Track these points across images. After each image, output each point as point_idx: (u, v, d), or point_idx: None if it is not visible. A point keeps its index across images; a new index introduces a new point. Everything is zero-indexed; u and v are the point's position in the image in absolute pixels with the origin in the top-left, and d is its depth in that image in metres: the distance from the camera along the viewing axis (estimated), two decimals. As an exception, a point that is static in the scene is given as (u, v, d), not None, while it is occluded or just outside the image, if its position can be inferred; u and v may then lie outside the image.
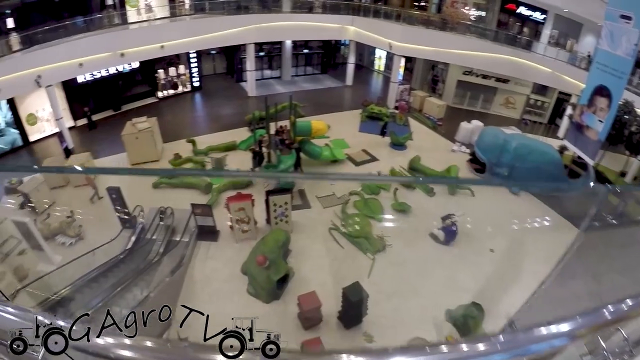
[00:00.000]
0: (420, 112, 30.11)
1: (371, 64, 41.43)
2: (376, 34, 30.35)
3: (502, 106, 31.79)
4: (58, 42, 22.23)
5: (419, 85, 34.89)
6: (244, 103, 29.88)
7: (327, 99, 31.44)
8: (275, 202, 15.78)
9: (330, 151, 21.32)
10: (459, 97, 32.35)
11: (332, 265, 15.15)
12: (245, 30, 28.17)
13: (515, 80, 30.24)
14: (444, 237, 16.25)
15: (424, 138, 25.70)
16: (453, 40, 28.63)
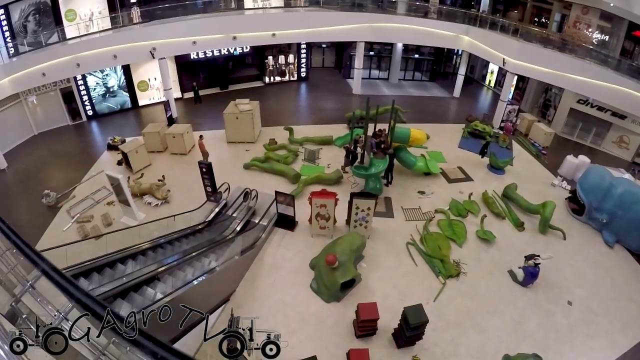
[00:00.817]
0: (526, 136, 28.64)
1: (482, 78, 39.79)
2: (491, 47, 29.07)
3: (614, 144, 29.41)
4: (175, 20, 23.81)
5: (529, 108, 33.05)
6: (347, 100, 30.08)
7: (431, 108, 30.86)
8: (358, 205, 15.85)
9: (425, 162, 21.01)
10: (569, 127, 30.28)
11: (401, 280, 15.11)
12: (358, 27, 28.25)
13: (633, 117, 27.86)
14: (523, 277, 15.54)
15: (524, 165, 24.48)
16: (571, 63, 26.44)
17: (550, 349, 13.28)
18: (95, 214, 17.53)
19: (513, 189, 20.40)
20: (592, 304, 15.44)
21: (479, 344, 13.15)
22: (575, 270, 17.00)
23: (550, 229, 18.69)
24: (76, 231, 16.36)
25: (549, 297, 15.42)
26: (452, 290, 14.96)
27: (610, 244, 18.75)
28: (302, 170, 20.74)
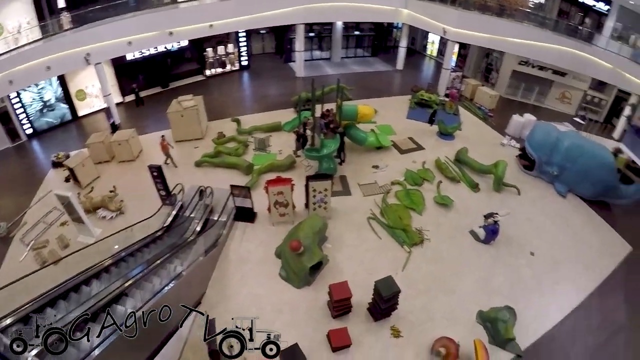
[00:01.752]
0: (471, 101, 29.48)
1: (423, 48, 40.50)
2: (430, 18, 29.54)
3: (557, 100, 30.61)
4: (108, 21, 22.86)
5: (472, 74, 33.95)
6: (292, 84, 29.95)
7: (376, 83, 31.10)
8: (315, 187, 15.84)
9: (375, 137, 21.20)
10: (513, 88, 31.27)
11: (367, 255, 15.22)
12: (295, 10, 28.02)
13: (573, 74, 29.01)
14: (485, 235, 16.03)
15: (473, 129, 25.16)
16: (510, 27, 27.50)
17: (520, 300, 13.78)
18: (50, 238, 16.59)
19: (464, 152, 20.96)
20: (553, 252, 16.18)
21: (452, 306, 13.46)
22: (533, 222, 17.74)
23: (504, 187, 19.40)
24: (33, 259, 15.59)
25: (512, 251, 16.02)
26: (418, 258, 15.19)
27: (563, 194, 19.75)
28: (255, 160, 20.56)
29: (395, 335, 12.42)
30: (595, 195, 19.47)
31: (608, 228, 18.09)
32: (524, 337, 12.58)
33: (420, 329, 12.61)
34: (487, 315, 12.89)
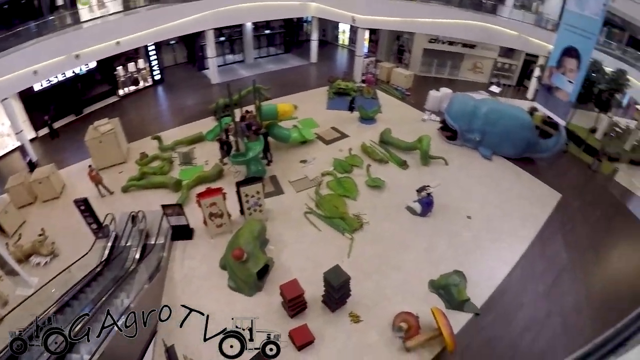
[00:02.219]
0: (387, 83, 30.23)
1: (335, 39, 41.18)
2: (338, 8, 30.15)
3: (470, 71, 32.05)
4: (8, 52, 21.44)
5: (385, 57, 34.87)
6: (208, 92, 29.48)
7: (293, 79, 31.25)
8: (246, 192, 15.65)
9: (299, 132, 21.27)
10: (426, 66, 32.52)
11: (310, 249, 15.23)
12: (204, 16, 27.56)
13: (482, 45, 30.49)
14: (421, 209, 16.56)
15: (393, 110, 25.89)
16: (417, 8, 28.66)
17: (465, 262, 14.43)
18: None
19: (388, 133, 21.54)
20: (488, 212, 17.15)
21: (403, 281, 13.79)
22: (465, 188, 18.66)
23: (431, 160, 20.18)
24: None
25: (449, 218, 16.71)
26: (361, 242, 15.41)
27: (488, 157, 21.02)
28: (182, 175, 20.03)
29: (355, 320, 12.53)
30: (519, 153, 20.87)
31: (536, 181, 19.61)
32: (477, 296, 13.21)
33: (377, 310, 12.80)
34: (438, 283, 13.37)
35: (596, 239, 16.23)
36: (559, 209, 17.87)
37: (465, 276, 13.46)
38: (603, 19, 18.89)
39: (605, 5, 18.34)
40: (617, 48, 28.02)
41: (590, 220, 17.41)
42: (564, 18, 21.26)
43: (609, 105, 22.67)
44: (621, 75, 21.66)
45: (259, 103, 19.15)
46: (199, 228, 16.34)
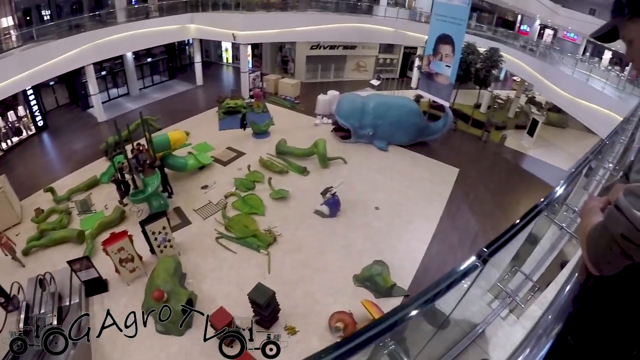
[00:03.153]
0: (276, 95, 30.59)
1: (219, 58, 40.99)
2: (218, 27, 30.02)
3: (354, 71, 33.34)
4: None
5: (270, 69, 35.33)
6: (96, 131, 28.12)
7: (181, 105, 30.61)
8: (152, 230, 15.07)
9: (195, 159, 20.86)
10: (312, 72, 33.41)
11: (230, 273, 14.96)
12: (82, 51, 26.25)
13: (362, 44, 31.82)
14: (329, 210, 16.91)
15: (285, 120, 26.18)
16: (295, 18, 29.46)
17: (384, 250, 15.02)
18: None
19: (283, 143, 21.77)
20: (394, 199, 17.99)
21: (328, 282, 13.97)
22: (368, 181, 19.42)
23: (330, 161, 20.70)
24: None
25: (359, 213, 17.26)
26: (278, 255, 15.38)
27: (384, 148, 22.14)
28: (83, 224, 18.92)
29: (292, 332, 12.50)
30: (412, 139, 22.27)
31: (433, 161, 21.18)
32: (403, 278, 13.81)
33: (312, 316, 12.85)
34: (362, 276, 13.76)
35: (499, 200, 17.84)
36: (459, 182, 19.36)
37: (386, 263, 13.97)
38: (470, 5, 20.40)
39: (471, -8, 19.89)
40: (488, 29, 30.45)
41: (489, 186, 19.02)
42: (434, 9, 22.85)
43: (487, 81, 24.48)
44: (494, 53, 23.84)
45: (150, 135, 18.63)
46: (112, 278, 15.48)
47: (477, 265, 2.03)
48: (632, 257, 1.41)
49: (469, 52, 23.65)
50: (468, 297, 3.75)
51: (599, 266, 1.57)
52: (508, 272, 3.78)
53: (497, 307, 3.79)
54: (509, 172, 20.97)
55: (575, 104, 21.11)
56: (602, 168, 5.62)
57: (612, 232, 1.43)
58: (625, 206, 1.38)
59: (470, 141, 23.56)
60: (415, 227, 16.37)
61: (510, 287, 3.82)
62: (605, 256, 1.50)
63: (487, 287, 3.94)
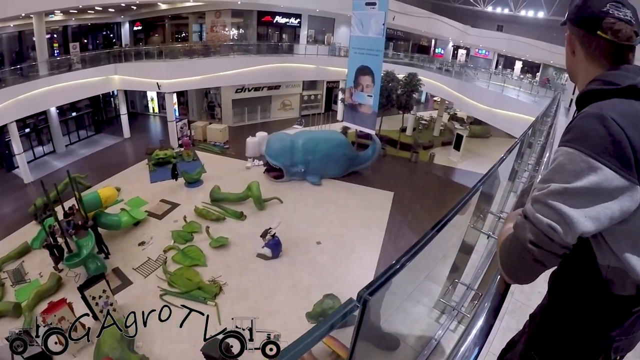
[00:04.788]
0: (205, 142, 30.42)
1: (145, 108, 40.20)
2: (142, 77, 29.67)
3: (280, 110, 33.99)
4: None
5: (197, 116, 35.17)
6: (23, 193, 26.72)
7: (110, 159, 29.69)
8: (92, 294, 14.37)
9: (128, 215, 20.22)
10: (239, 116, 33.66)
11: (181, 331, 14.43)
12: (3, 107, 24.83)
13: (285, 84, 32.50)
14: (271, 252, 16.83)
15: (216, 166, 26.05)
16: (219, 63, 29.73)
17: (332, 283, 15.13)
18: None
19: (217, 190, 21.54)
20: (335, 231, 18.28)
21: (282, 324, 13.69)
22: (306, 217, 19.62)
23: (266, 202, 20.72)
24: None
25: (301, 250, 17.35)
26: (227, 303, 14.99)
27: (318, 183, 22.55)
28: (18, 295, 17.78)
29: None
30: (344, 171, 23.04)
31: (367, 189, 21.80)
32: None
33: (269, 360, 12.54)
34: (315, 312, 13.72)
35: (436, 216, 17.88)
36: (396, 205, 20.07)
37: (336, 296, 13.93)
38: (385, 36, 21.29)
39: (385, 25, 20.69)
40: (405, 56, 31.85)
41: (425, 203, 19.85)
42: (351, 43, 23.70)
43: (409, 105, 25.48)
44: (413, 78, 25.12)
45: (79, 194, 18.00)
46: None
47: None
48: (544, 263, 1.49)
49: (389, 80, 24.68)
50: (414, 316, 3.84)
51: (514, 275, 1.65)
52: (449, 286, 3.87)
53: (445, 321, 3.87)
54: (441, 187, 21.96)
55: (494, 113, 22.58)
56: (525, 170, 5.95)
57: (521, 241, 1.50)
58: (531, 213, 1.47)
59: (401, 164, 24.45)
60: (359, 255, 16.61)
61: (455, 299, 3.93)
62: (518, 265, 1.58)
63: (431, 304, 4.02)
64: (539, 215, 1.44)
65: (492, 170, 3.52)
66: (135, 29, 39.07)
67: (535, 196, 1.49)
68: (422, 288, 3.76)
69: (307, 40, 34.17)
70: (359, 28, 22.42)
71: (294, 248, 17.31)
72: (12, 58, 30.19)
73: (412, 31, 37.34)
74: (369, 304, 2.00)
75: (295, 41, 34.56)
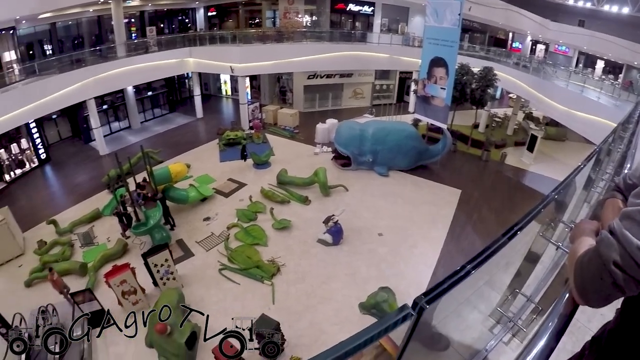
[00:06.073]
0: (275, 125, 30.78)
1: (218, 90, 41.37)
2: (216, 60, 30.46)
3: (351, 99, 33.61)
4: None
5: (269, 100, 35.67)
6: (98, 164, 28.15)
7: (182, 137, 30.74)
8: (155, 262, 14.91)
9: (196, 191, 20.80)
10: (310, 102, 33.62)
11: (234, 305, 14.73)
12: (83, 85, 26.39)
13: (358, 72, 32.20)
14: (332, 238, 16.76)
15: (285, 150, 26.35)
16: (291, 49, 29.95)
17: (390, 276, 14.81)
18: None
19: (284, 173, 21.73)
20: (398, 224, 17.83)
21: (334, 311, 13.75)
22: (370, 207, 19.29)
23: (332, 189, 20.64)
24: None
25: (362, 239, 17.10)
26: (283, 285, 15.17)
27: (385, 174, 22.07)
28: (85, 257, 18.77)
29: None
30: (412, 163, 22.36)
31: (435, 184, 21.08)
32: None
33: (317, 346, 12.56)
34: (368, 303, 13.46)
35: (503, 219, 17.70)
36: (462, 203, 19.30)
37: (392, 290, 13.62)
38: (461, 27, 20.54)
39: (460, 15, 19.94)
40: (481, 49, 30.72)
41: (492, 205, 18.96)
42: (426, 33, 22.99)
43: (483, 101, 24.53)
44: (488, 72, 23.93)
45: (150, 168, 18.59)
46: (115, 310, 15.25)
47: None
48: (624, 289, 1.27)
49: (463, 73, 23.79)
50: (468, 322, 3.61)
51: (587, 297, 1.43)
52: (508, 296, 3.62)
53: (499, 332, 3.63)
54: (511, 189, 20.93)
55: (572, 115, 21.19)
56: (601, 180, 5.51)
57: (603, 260, 1.30)
58: (620, 232, 1.26)
59: (471, 161, 23.63)
60: (420, 251, 16.23)
61: (512, 310, 3.67)
62: (595, 286, 1.37)
63: (488, 312, 3.78)
64: (628, 234, 1.22)
65: (568, 179, 3.26)
66: (210, 14, 40.06)
67: (627, 211, 1.28)
68: (480, 294, 3.54)
69: (380, 29, 33.82)
70: (434, 18, 21.74)
71: (355, 237, 17.16)
72: (92, 40, 31.87)
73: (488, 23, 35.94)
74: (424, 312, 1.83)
75: (369, 30, 34.36)
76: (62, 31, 30.23)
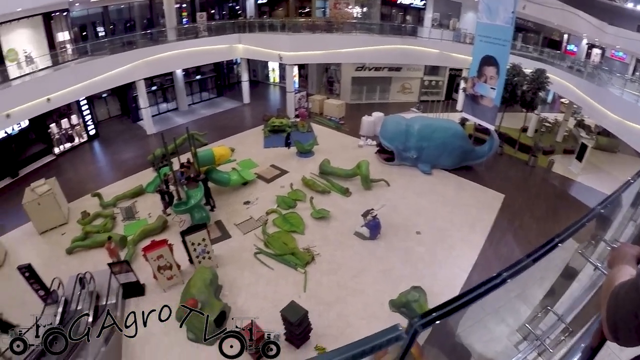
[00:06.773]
0: (321, 115, 30.74)
1: (266, 78, 41.65)
2: (265, 48, 30.63)
3: (399, 93, 33.15)
4: None
5: (316, 90, 35.63)
6: (145, 143, 28.87)
7: (228, 122, 31.14)
8: (192, 241, 15.24)
9: (238, 174, 21.06)
10: (357, 93, 33.37)
11: (266, 289, 14.89)
12: (133, 67, 27.13)
13: (407, 66, 31.78)
14: (369, 232, 16.64)
15: (329, 140, 26.32)
16: (341, 40, 29.77)
17: (424, 276, 14.60)
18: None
19: (327, 164, 21.71)
20: (437, 224, 17.57)
21: (364, 305, 13.71)
22: (410, 205, 19.06)
23: (373, 183, 20.47)
24: None
25: (400, 236, 16.93)
26: (316, 274, 15.23)
27: (428, 172, 21.70)
28: (126, 230, 19.32)
29: (321, 353, 12.18)
30: (457, 163, 21.85)
31: (478, 186, 20.56)
32: None
33: (343, 338, 12.52)
34: (398, 301, 13.28)
35: (546, 229, 17.12)
36: (505, 209, 18.76)
37: (424, 290, 13.34)
38: (514, 26, 19.94)
39: (514, 13, 19.37)
40: (534, 50, 29.80)
41: (536, 214, 18.37)
42: (478, 30, 22.37)
43: (534, 104, 23.82)
44: (541, 74, 23.10)
45: (195, 149, 18.90)
46: (150, 283, 15.68)
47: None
48: None
49: (515, 73, 23.06)
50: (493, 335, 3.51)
51: (617, 334, 1.30)
52: (539, 312, 3.49)
53: (524, 348, 3.51)
54: (556, 199, 20.16)
55: (626, 126, 20.12)
56: None
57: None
58: None
59: (517, 166, 23.00)
60: (457, 253, 15.93)
61: (542, 328, 3.54)
62: (628, 324, 1.23)
63: (516, 326, 3.67)
64: None
65: (616, 193, 3.07)
66: (260, 2, 40.15)
67: None
68: (511, 306, 3.42)
69: (431, 24, 33.11)
70: (487, 15, 21.13)
71: (393, 233, 17.00)
72: (144, 24, 32.48)
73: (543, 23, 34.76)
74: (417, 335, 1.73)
75: (419, 24, 33.55)
76: (114, 14, 31.09)
